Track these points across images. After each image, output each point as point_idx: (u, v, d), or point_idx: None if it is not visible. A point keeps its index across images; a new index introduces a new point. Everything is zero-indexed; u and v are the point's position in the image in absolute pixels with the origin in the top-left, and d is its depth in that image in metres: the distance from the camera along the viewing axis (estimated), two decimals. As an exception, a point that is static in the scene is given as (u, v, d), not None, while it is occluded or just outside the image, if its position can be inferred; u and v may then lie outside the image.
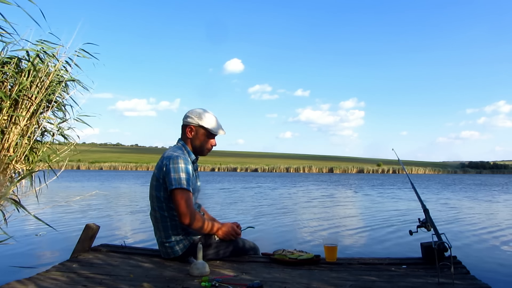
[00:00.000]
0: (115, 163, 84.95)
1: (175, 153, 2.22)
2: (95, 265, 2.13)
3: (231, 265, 2.17)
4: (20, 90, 2.50)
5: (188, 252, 2.21)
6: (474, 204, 11.42)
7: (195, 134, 2.31)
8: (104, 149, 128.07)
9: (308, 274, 1.99)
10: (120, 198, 12.45)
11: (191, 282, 1.81)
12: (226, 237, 2.30)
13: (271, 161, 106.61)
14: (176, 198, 2.12)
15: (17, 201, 2.58)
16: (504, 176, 69.52)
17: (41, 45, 2.73)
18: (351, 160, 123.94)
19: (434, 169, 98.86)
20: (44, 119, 2.77)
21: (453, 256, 1.87)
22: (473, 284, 1.75)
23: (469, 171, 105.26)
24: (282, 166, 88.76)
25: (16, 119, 2.53)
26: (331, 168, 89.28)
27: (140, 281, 1.81)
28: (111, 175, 38.25)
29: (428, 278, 1.86)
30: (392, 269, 2.08)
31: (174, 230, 2.23)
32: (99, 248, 2.50)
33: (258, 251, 2.48)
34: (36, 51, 2.67)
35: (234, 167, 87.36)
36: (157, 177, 2.24)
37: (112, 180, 27.15)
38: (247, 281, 1.82)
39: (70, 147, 2.97)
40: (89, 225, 2.46)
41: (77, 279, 1.85)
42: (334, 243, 2.27)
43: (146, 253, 2.47)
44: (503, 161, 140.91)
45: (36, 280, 1.81)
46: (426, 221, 2.04)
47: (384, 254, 4.39)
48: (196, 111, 2.33)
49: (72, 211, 8.10)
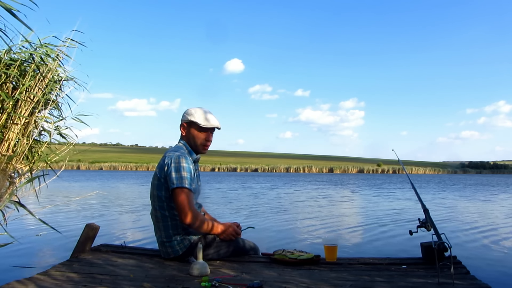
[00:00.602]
0: (115, 163, 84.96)
1: (177, 153, 2.22)
2: (95, 265, 2.13)
3: (231, 265, 2.17)
4: (21, 92, 2.50)
5: (188, 252, 2.21)
6: (474, 204, 11.42)
7: (188, 131, 2.32)
8: (104, 149, 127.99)
9: (308, 274, 1.99)
10: (120, 198, 12.45)
11: (191, 282, 1.81)
12: (226, 237, 2.30)
13: (271, 161, 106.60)
14: (177, 197, 2.12)
15: (18, 201, 2.58)
16: (504, 176, 69.51)
17: (45, 48, 2.73)
18: (351, 160, 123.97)
19: (434, 169, 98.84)
20: (42, 119, 2.76)
21: (453, 256, 1.87)
22: (473, 284, 1.74)
23: (469, 171, 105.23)
24: (282, 166, 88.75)
25: (16, 119, 2.53)
26: (331, 168, 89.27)
27: (140, 281, 1.81)
28: (111, 175, 38.24)
29: (428, 278, 1.86)
30: (392, 269, 2.08)
31: (175, 230, 2.22)
32: (99, 248, 2.50)
33: (258, 251, 2.48)
34: (39, 53, 2.67)
35: (234, 167, 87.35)
36: (158, 176, 2.24)
37: (112, 180, 27.14)
38: (247, 281, 1.82)
39: (69, 147, 2.96)
40: (89, 225, 2.46)
41: (77, 279, 1.85)
42: (334, 243, 2.27)
43: (146, 253, 2.47)
44: (503, 161, 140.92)
45: (36, 280, 1.81)
46: (426, 221, 2.04)
47: (384, 254, 4.39)
48: (189, 109, 2.33)
49: (72, 211, 8.10)
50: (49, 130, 2.86)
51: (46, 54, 2.74)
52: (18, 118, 2.53)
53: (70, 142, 2.97)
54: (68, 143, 2.97)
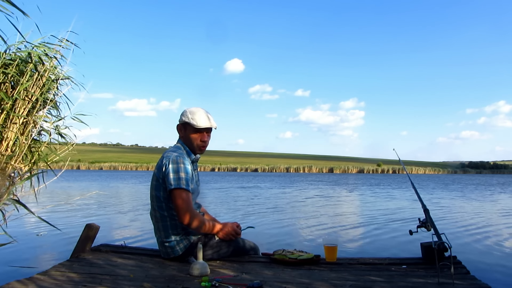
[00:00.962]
0: (115, 163, 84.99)
1: (175, 153, 2.22)
2: (95, 265, 2.13)
3: (231, 265, 2.17)
4: (19, 91, 2.50)
5: (188, 252, 2.21)
6: (475, 204, 11.41)
7: (184, 132, 2.32)
8: (104, 149, 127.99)
9: (308, 274, 1.99)
10: (120, 198, 12.45)
11: (191, 282, 1.81)
12: (226, 237, 2.30)
13: (271, 161, 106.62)
14: (176, 198, 2.12)
15: (18, 200, 2.58)
16: (504, 176, 69.51)
17: (43, 47, 2.72)
18: (351, 160, 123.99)
19: (434, 169, 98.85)
20: (40, 118, 2.76)
21: (453, 256, 1.87)
22: (473, 284, 1.74)
23: (469, 171, 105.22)
24: (282, 166, 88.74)
25: (14, 118, 2.51)
26: (331, 168, 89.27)
27: (140, 281, 1.81)
28: (111, 175, 38.24)
29: (428, 278, 1.86)
30: (392, 269, 2.08)
31: (174, 230, 2.22)
32: (99, 248, 2.50)
33: (258, 251, 2.48)
34: (38, 53, 2.66)
35: (234, 167, 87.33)
36: (157, 176, 2.24)
37: (112, 180, 27.14)
38: (247, 281, 1.82)
39: (70, 147, 2.95)
40: (89, 225, 2.46)
41: (77, 279, 1.85)
42: (334, 243, 2.27)
43: (146, 253, 2.47)
44: (503, 161, 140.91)
45: (36, 280, 1.81)
46: (426, 221, 2.04)
47: (384, 254, 4.39)
48: (186, 110, 2.33)
49: (72, 211, 8.10)
50: (48, 130, 2.85)
51: (45, 54, 2.74)
52: (16, 118, 2.52)
53: (70, 143, 2.96)
54: (68, 144, 2.96)
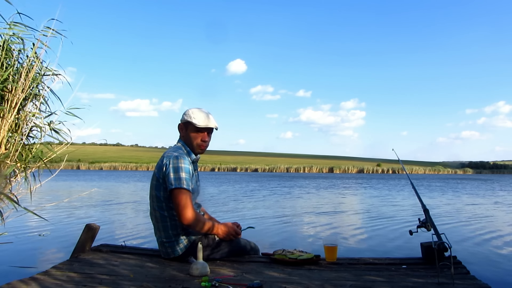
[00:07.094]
0: (115, 163, 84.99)
1: (175, 153, 2.22)
2: (95, 265, 2.13)
3: (231, 265, 2.17)
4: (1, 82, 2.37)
5: (188, 252, 2.21)
6: (474, 204, 11.41)
7: (185, 131, 2.32)
8: (104, 149, 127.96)
9: (308, 274, 1.99)
10: (120, 198, 12.45)
11: (191, 282, 1.81)
12: (226, 237, 2.30)
13: (272, 161, 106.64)
14: (176, 198, 2.12)
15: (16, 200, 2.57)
16: (504, 176, 69.50)
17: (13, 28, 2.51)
18: (351, 160, 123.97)
19: (434, 169, 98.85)
20: (30, 114, 2.68)
21: (453, 256, 1.87)
22: (473, 284, 1.74)
23: (469, 171, 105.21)
24: (282, 166, 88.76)
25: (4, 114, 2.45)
26: (331, 168, 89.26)
27: (140, 281, 1.81)
28: (111, 175, 38.24)
29: (428, 278, 1.86)
30: (392, 269, 2.08)
31: (174, 230, 2.23)
32: (100, 248, 2.50)
33: (258, 251, 2.48)
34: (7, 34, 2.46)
35: (234, 167, 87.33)
36: (157, 176, 2.24)
37: (112, 180, 27.14)
38: (247, 281, 1.82)
39: (67, 145, 2.89)
40: (89, 225, 2.46)
41: (77, 279, 1.85)
42: (334, 243, 2.27)
43: (146, 253, 2.47)
44: (503, 161, 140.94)
45: (37, 280, 1.81)
46: (426, 221, 2.04)
47: (384, 254, 4.40)
48: (187, 110, 2.33)
49: (72, 211, 8.10)
50: (41, 126, 2.77)
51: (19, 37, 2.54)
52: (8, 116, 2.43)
53: (67, 142, 2.90)
54: (65, 143, 2.91)
